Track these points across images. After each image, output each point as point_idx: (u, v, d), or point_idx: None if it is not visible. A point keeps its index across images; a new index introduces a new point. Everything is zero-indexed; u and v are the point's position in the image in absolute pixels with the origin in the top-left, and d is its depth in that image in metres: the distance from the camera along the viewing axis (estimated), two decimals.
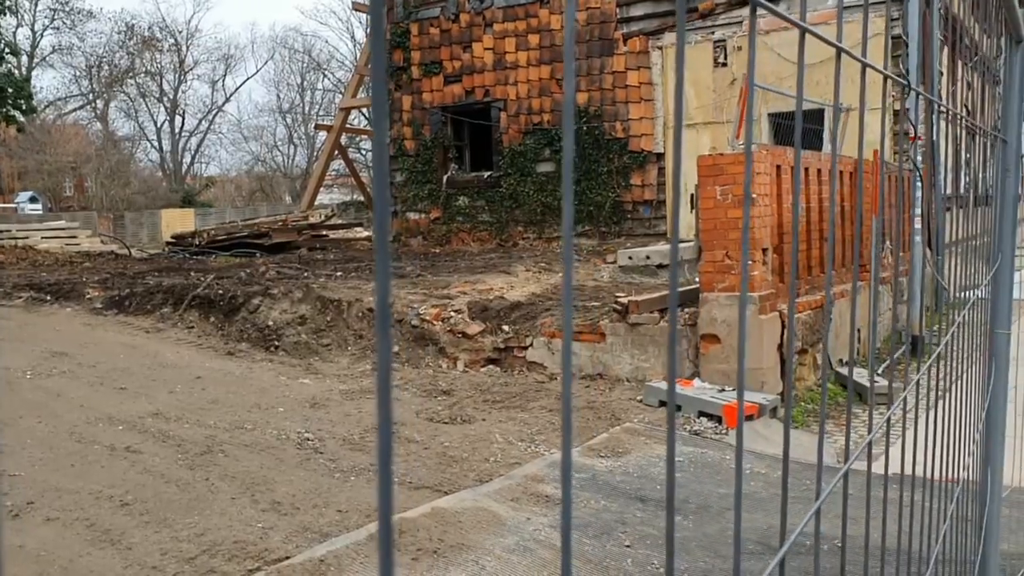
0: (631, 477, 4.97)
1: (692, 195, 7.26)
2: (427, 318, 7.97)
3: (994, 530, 2.65)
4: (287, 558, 3.72)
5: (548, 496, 4.56)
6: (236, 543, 3.88)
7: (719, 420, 6.03)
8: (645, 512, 4.46)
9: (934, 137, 12.32)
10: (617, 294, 8.45)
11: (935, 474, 2.75)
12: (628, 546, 4.02)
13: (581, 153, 14.94)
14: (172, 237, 20.09)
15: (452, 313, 7.99)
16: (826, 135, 10.90)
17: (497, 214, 15.97)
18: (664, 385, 6.46)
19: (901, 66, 10.94)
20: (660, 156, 14.28)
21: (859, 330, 8.43)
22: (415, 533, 3.94)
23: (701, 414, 6.15)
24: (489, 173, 16.13)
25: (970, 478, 2.75)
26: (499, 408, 6.29)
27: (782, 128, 13.15)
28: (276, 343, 8.13)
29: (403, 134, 16.80)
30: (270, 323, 8.36)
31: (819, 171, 8.03)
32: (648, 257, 11.20)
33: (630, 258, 11.44)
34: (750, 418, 5.95)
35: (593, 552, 3.94)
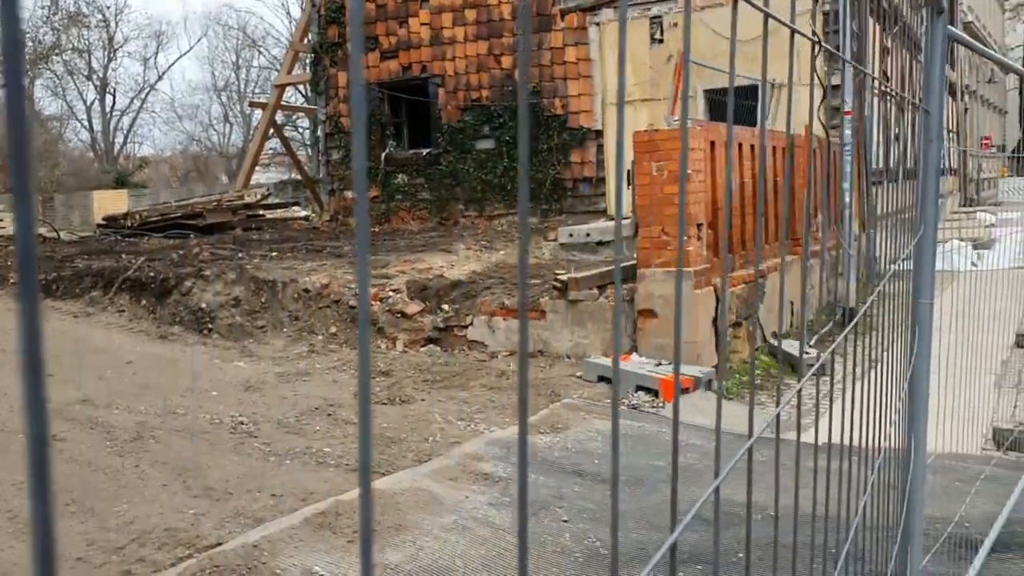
0: (569, 452, 4.99)
1: (628, 171, 7.30)
2: None
3: (917, 497, 2.71)
4: (219, 544, 3.65)
5: (487, 474, 4.56)
6: (167, 531, 3.80)
7: (656, 394, 6.09)
8: (582, 486, 4.49)
9: (866, 111, 12.57)
10: (557, 271, 8.47)
11: (862, 443, 2.81)
12: (566, 521, 4.04)
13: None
14: (103, 219, 19.53)
15: (390, 293, 7.91)
16: (764, 110, 11.03)
17: (437, 192, 15.85)
18: (603, 360, 6.50)
19: (831, 43, 11.09)
20: (599, 133, 14.31)
21: (791, 303, 8.59)
22: (351, 516, 3.90)
23: (639, 388, 6.20)
24: (428, 150, 15.98)
25: (892, 446, 2.80)
26: (439, 388, 6.26)
27: (717, 104, 13.27)
28: (210, 326, 7.96)
29: (339, 111, 16.55)
30: (203, 305, 8.18)
31: (752, 147, 8.12)
32: (588, 234, 11.24)
33: (571, 235, 11.47)
34: (686, 391, 6.02)
35: (531, 528, 3.95)
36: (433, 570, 3.52)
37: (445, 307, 7.69)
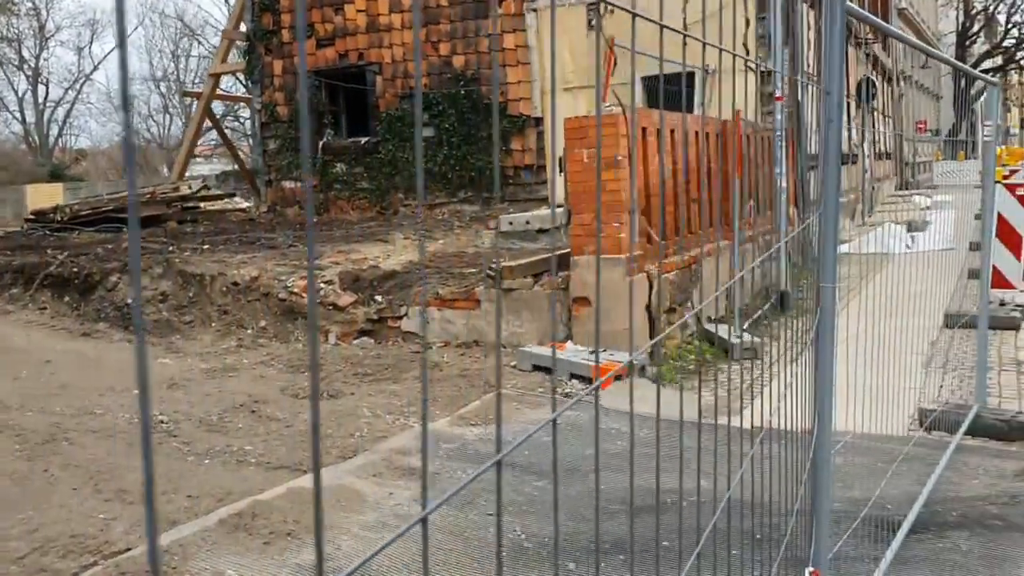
0: (502, 444, 4.92)
1: (560, 159, 7.24)
2: (295, 290, 7.71)
3: (824, 479, 2.69)
4: (128, 550, 3.50)
5: (414, 469, 4.46)
6: (73, 537, 3.63)
7: (590, 381, 6.05)
8: (512, 479, 4.42)
9: (799, 97, 12.68)
10: (493, 260, 8.38)
11: (788, 426, 2.77)
12: (490, 514, 3.96)
13: (460, 118, 14.76)
14: (31, 213, 18.88)
15: (322, 285, 7.75)
16: (697, 98, 11.05)
17: (376, 181, 15.64)
18: (537, 349, 6.44)
19: (762, 27, 11.17)
20: (539, 120, 14.24)
21: (727, 287, 8.62)
22: (268, 516, 3.78)
23: (573, 376, 6.16)
24: (367, 139, 15.76)
25: (801, 429, 2.78)
26: (369, 381, 6.14)
27: (656, 91, 13.28)
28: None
29: (275, 100, 16.24)
30: (129, 301, 7.93)
31: (685, 133, 8.10)
32: (528, 222, 11.15)
33: (511, 223, 11.38)
34: (619, 378, 5.99)
35: (455, 523, 3.87)
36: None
37: (378, 298, 7.56)
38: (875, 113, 23.56)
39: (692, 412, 4.98)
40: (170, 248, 10.51)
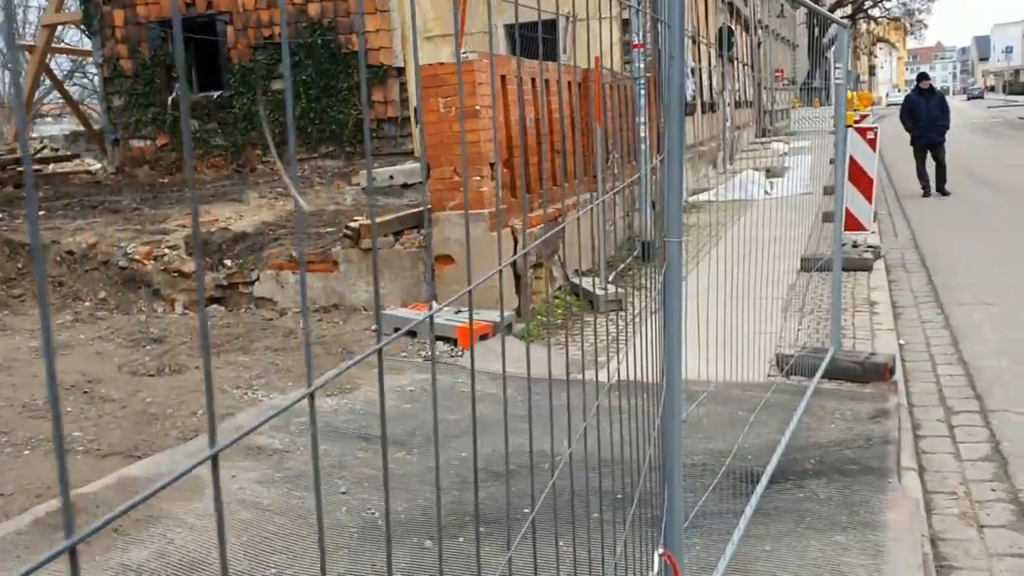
0: (357, 415, 4.66)
1: (416, 109, 6.91)
2: (137, 257, 7.14)
3: (673, 436, 2.56)
4: None
5: (260, 447, 4.15)
6: None
7: (455, 343, 5.84)
8: (367, 452, 4.17)
9: (660, 46, 12.69)
10: (356, 218, 8.02)
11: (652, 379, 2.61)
12: (344, 493, 3.71)
13: (318, 69, 14.10)
14: None
15: (166, 250, 7.21)
16: (561, 45, 10.86)
17: (232, 137, 14.82)
18: (399, 312, 6.17)
19: None
20: (401, 70, 13.76)
21: (591, 239, 8.55)
22: (93, 511, 3.41)
23: (437, 338, 5.93)
24: (219, 93, 14.88)
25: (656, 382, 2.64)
26: (217, 352, 5.73)
27: (520, 39, 13.01)
28: None
29: (118, 53, 15.09)
30: None
31: (547, 81, 7.91)
32: (392, 177, 10.76)
33: (373, 179, 10.96)
34: (484, 337, 5.80)
35: (304, 505, 3.60)
36: (184, 565, 3.11)
37: (228, 262, 7.09)
38: (735, 62, 24.06)
39: (559, 369, 4.84)
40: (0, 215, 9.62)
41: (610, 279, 7.90)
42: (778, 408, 4.43)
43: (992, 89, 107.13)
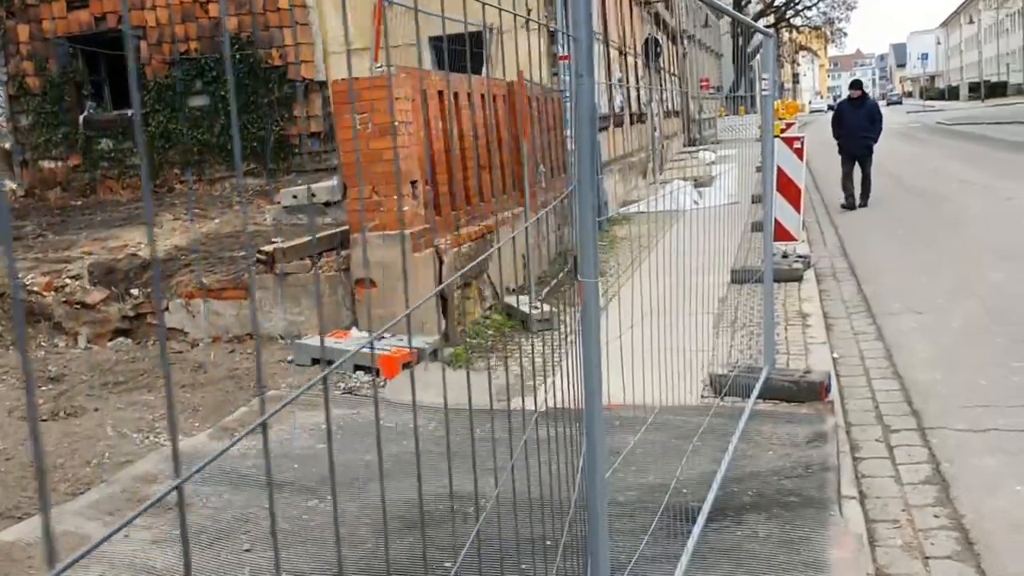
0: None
1: (331, 126, 6.60)
2: (36, 289, 6.67)
3: (596, 464, 2.32)
4: None
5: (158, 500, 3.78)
6: None
7: (378, 372, 5.53)
8: (277, 501, 3.84)
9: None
10: (274, 240, 7.67)
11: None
12: (247, 551, 3.39)
13: (238, 84, 13.64)
14: None
15: (68, 280, 6.75)
16: (486, 59, 10.64)
17: (149, 157, 14.24)
18: (315, 341, 5.83)
19: None
20: (323, 84, 13.38)
21: (522, 256, 8.33)
22: None
23: (357, 368, 5.62)
24: (134, 111, 14.28)
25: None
26: (120, 392, 5.33)
27: (444, 52, 12.78)
28: None
29: (23, 70, 14.39)
30: None
31: (469, 95, 7.67)
32: (314, 195, 10.41)
33: (295, 197, 10.60)
34: (408, 366, 5.51)
35: (203, 565, 3.26)
36: None
37: (135, 292, 6.66)
38: (662, 72, 24.22)
39: (488, 397, 4.48)
40: None
41: (540, 297, 7.68)
42: (713, 435, 4.24)
43: (910, 95, 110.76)
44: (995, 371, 5.27)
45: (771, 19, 56.80)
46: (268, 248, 6.43)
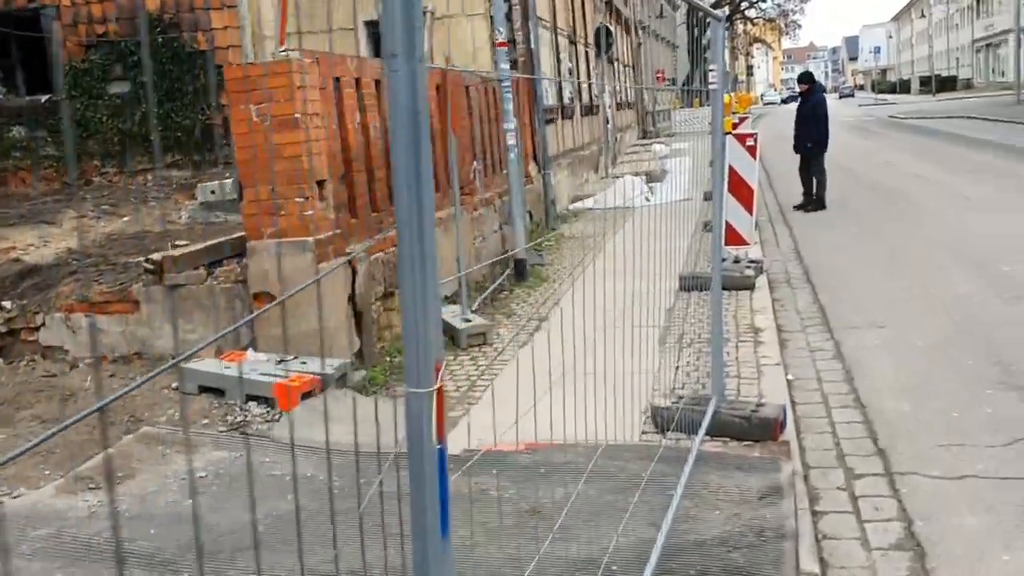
0: (122, 519, 3.60)
1: (225, 119, 5.85)
2: None
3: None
4: None
5: None
6: None
7: (271, 403, 4.82)
8: None
9: (532, 45, 11.90)
10: (178, 242, 6.90)
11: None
12: None
13: (160, 70, 12.72)
14: None
15: None
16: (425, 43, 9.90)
17: (65, 146, 13.27)
18: (203, 366, 5.09)
19: None
20: None
21: (457, 260, 7.64)
22: None
23: (251, 398, 4.90)
24: (48, 97, 13.29)
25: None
26: None
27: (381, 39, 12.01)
28: None
29: None
30: None
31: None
32: (232, 190, 9.60)
33: (213, 192, 9.79)
34: (309, 395, 4.81)
35: None
36: None
37: (7, 304, 5.86)
38: (616, 63, 23.64)
39: (397, 431, 3.75)
40: None
41: (474, 307, 7.01)
42: (653, 487, 3.61)
43: (861, 88, 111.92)
44: (967, 399, 4.72)
45: (726, 11, 56.63)
46: (157, 256, 5.67)
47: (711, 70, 4.32)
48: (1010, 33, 48.80)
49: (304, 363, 5.10)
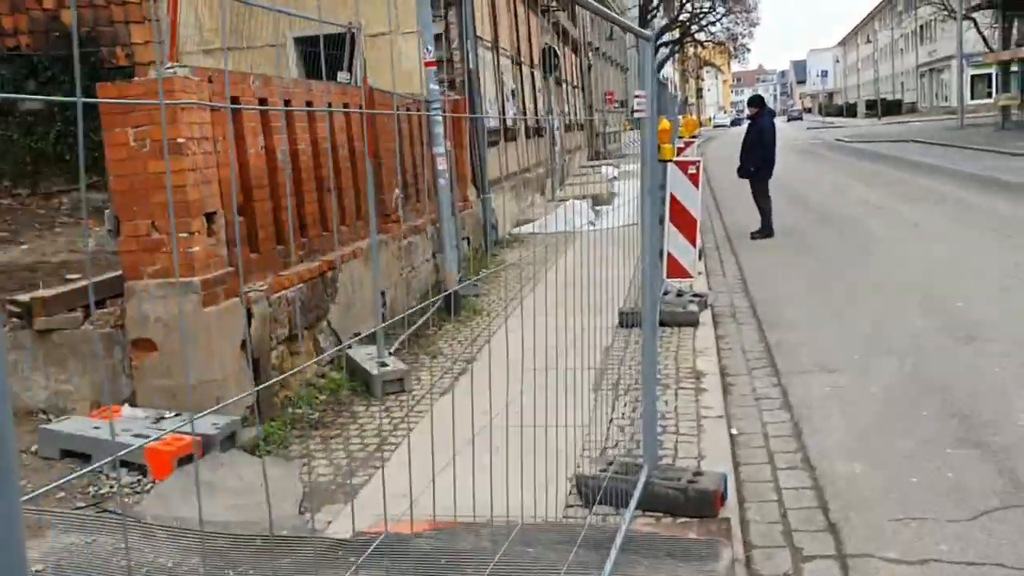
0: None
1: (100, 142, 5.23)
2: None
3: None
4: None
5: None
6: None
7: (143, 471, 4.19)
8: None
9: (471, 65, 11.41)
10: (70, 276, 6.24)
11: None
12: None
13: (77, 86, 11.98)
14: None
15: None
16: (347, 64, 9.35)
17: None
18: (67, 426, 4.43)
19: None
20: None
21: (383, 293, 7.06)
22: None
23: (124, 463, 4.26)
24: None
25: None
26: None
27: (312, 56, 11.43)
28: None
29: None
30: None
31: (310, 103, 6.39)
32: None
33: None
34: (188, 460, 4.18)
35: None
36: None
37: None
38: (564, 85, 23.30)
39: (290, 504, 3.18)
40: None
41: (392, 348, 6.43)
42: None
43: (809, 111, 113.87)
44: (927, 461, 4.27)
45: (676, 34, 56.98)
46: (24, 297, 5.00)
47: (637, 96, 3.84)
48: (952, 59, 49.77)
49: (184, 421, 4.47)
